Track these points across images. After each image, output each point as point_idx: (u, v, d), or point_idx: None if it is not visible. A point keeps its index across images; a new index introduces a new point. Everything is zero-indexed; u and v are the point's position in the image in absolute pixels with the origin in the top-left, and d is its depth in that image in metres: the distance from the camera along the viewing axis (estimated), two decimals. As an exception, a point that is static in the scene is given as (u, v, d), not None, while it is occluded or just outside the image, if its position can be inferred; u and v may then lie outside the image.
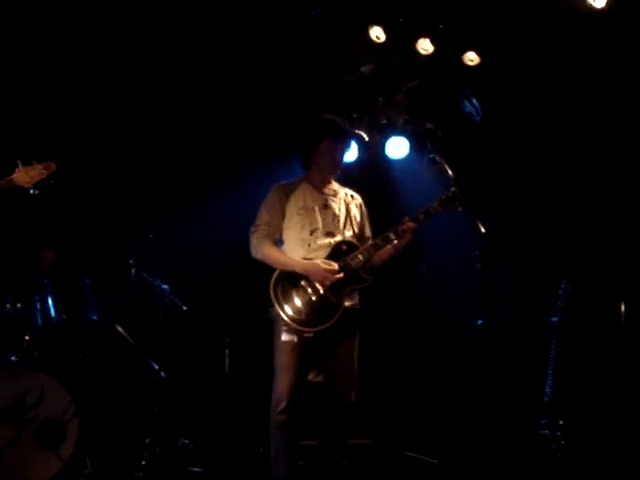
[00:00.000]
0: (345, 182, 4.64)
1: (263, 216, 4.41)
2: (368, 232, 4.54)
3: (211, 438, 5.70)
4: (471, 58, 5.66)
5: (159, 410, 5.31)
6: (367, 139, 6.25)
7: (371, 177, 6.23)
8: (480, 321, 5.25)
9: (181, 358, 5.85)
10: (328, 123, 4.50)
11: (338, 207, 4.46)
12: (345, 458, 4.66)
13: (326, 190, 4.48)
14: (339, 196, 4.51)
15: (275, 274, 4.28)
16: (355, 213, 4.51)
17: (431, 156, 4.06)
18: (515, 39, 5.39)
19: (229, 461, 5.53)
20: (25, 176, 4.21)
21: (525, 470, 4.82)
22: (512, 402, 5.18)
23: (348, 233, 4.43)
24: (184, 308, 5.50)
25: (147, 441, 5.11)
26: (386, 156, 6.25)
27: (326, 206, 4.42)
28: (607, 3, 4.94)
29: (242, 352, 6.11)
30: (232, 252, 5.45)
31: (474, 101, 5.79)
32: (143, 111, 6.08)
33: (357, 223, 4.49)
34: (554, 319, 5.07)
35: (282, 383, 4.23)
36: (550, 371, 4.98)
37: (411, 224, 4.22)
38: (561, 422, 4.87)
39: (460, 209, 4.13)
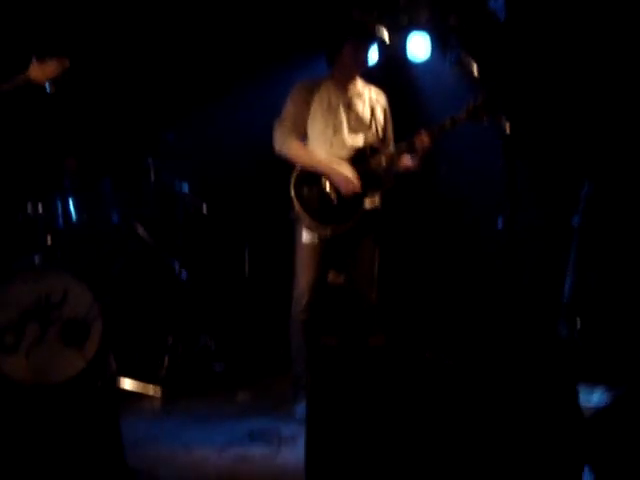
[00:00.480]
0: (367, 83, 4.56)
1: (288, 110, 4.37)
2: (390, 134, 4.52)
3: (232, 338, 5.79)
4: (496, -48, 5.48)
5: (181, 309, 5.39)
6: (388, 38, 6.10)
7: (393, 78, 6.10)
8: (500, 221, 5.22)
9: (202, 259, 5.89)
10: (353, 23, 4.43)
11: (362, 107, 4.42)
12: (364, 358, 4.72)
13: (351, 89, 4.43)
14: (364, 96, 4.46)
15: (296, 173, 4.28)
16: (379, 114, 4.47)
17: (456, 55, 3.97)
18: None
19: (250, 360, 5.62)
20: (39, 71, 4.21)
21: (543, 370, 4.87)
22: (531, 302, 5.20)
23: (371, 134, 4.40)
24: (204, 209, 5.51)
25: (169, 340, 5.20)
26: (408, 57, 6.11)
27: (350, 106, 4.38)
28: None
29: (262, 253, 6.14)
30: (253, 153, 5.42)
31: (499, -2, 5.62)
32: (164, 5, 5.94)
33: (381, 125, 4.46)
34: (575, 221, 5.03)
35: (302, 282, 4.31)
36: (570, 272, 4.98)
37: (426, 137, 4.22)
38: (579, 323, 4.90)
39: (486, 121, 4.07)
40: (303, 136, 4.37)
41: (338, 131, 4.33)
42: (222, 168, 5.97)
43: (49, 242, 4.79)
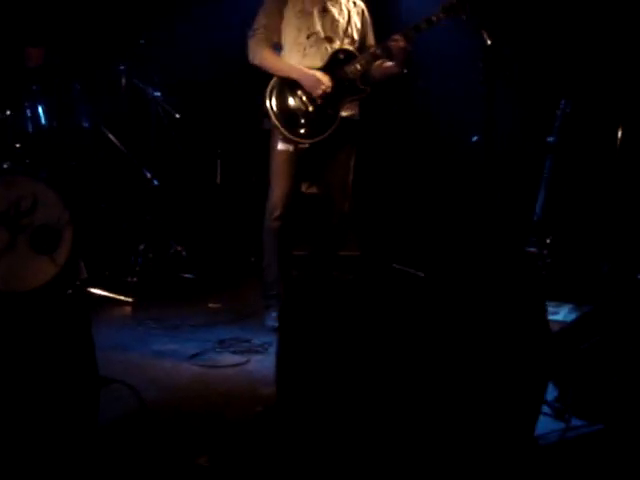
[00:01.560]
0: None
1: (261, 19, 4.28)
2: (371, 41, 4.42)
3: (203, 246, 5.80)
4: None
5: (152, 217, 5.37)
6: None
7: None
8: (475, 137, 5.20)
9: (173, 167, 5.84)
10: None
11: (338, 12, 4.31)
12: (335, 269, 4.76)
13: None
14: (340, 1, 4.34)
15: (271, 82, 4.21)
16: (356, 20, 4.37)
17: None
18: None
19: (221, 268, 5.64)
20: None
21: (511, 284, 4.94)
22: (502, 218, 5.24)
23: (347, 40, 4.31)
24: (177, 116, 5.42)
25: (141, 247, 5.20)
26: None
27: (325, 10, 4.28)
28: None
29: (234, 162, 6.10)
30: (227, 60, 5.30)
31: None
32: None
33: (358, 30, 4.36)
34: (550, 139, 5.02)
35: (277, 191, 4.28)
36: (542, 190, 4.99)
37: (401, 40, 4.09)
38: (548, 240, 4.94)
39: (464, 17, 3.98)
40: (277, 45, 4.30)
41: (311, 36, 4.24)
42: (195, 74, 5.86)
43: (18, 147, 4.69)
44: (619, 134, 5.11)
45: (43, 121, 4.82)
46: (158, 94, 5.34)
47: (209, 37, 5.71)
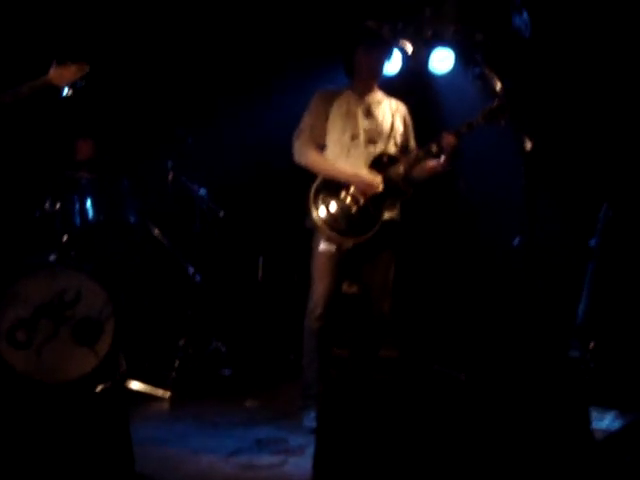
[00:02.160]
0: (387, 94, 4.56)
1: (306, 120, 4.38)
2: (412, 144, 4.50)
3: (243, 343, 5.80)
4: (523, -32, 5.48)
5: (193, 313, 5.40)
6: (410, 50, 6.10)
7: (414, 90, 6.08)
8: (517, 240, 5.20)
9: (216, 263, 5.90)
10: (362, 29, 4.41)
11: (382, 115, 4.40)
12: (376, 370, 4.71)
13: (370, 98, 4.42)
14: (383, 105, 4.45)
15: (316, 182, 4.28)
16: (399, 124, 4.45)
17: (478, 70, 3.95)
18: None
19: (260, 366, 5.62)
20: (59, 75, 4.27)
21: (553, 390, 4.85)
22: (545, 322, 5.18)
23: (391, 143, 4.39)
24: (221, 214, 5.52)
25: (181, 343, 5.21)
26: (430, 70, 6.10)
27: (369, 113, 4.37)
28: None
29: (277, 261, 6.15)
30: (272, 159, 5.43)
31: (524, 15, 5.61)
32: (180, 11, 5.97)
33: (401, 134, 4.44)
34: (593, 242, 5.01)
35: (318, 291, 4.29)
36: (585, 294, 4.95)
37: (452, 137, 4.17)
38: (592, 345, 4.87)
39: (503, 123, 4.04)
40: (322, 146, 4.37)
41: (356, 138, 4.31)
42: (240, 173, 5.99)
43: (65, 240, 4.79)
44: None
45: (91, 215, 4.94)
46: (203, 192, 5.45)
47: (254, 136, 5.86)
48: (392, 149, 4.39)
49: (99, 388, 4.50)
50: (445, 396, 4.79)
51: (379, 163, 4.31)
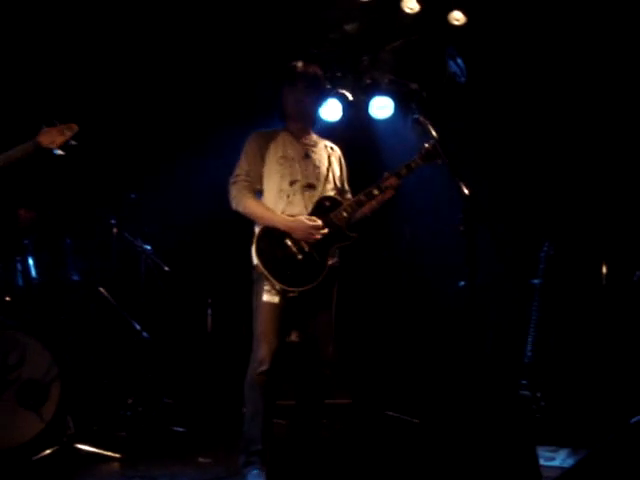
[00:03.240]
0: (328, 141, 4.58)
1: (242, 165, 4.25)
2: (347, 186, 4.44)
3: (194, 398, 5.73)
4: (457, 18, 5.63)
5: (142, 370, 5.33)
6: (350, 97, 6.21)
7: (355, 137, 6.18)
8: (462, 282, 5.26)
9: (163, 318, 5.85)
10: (287, 69, 4.30)
11: (319, 158, 4.32)
12: (324, 417, 4.62)
13: (306, 140, 4.33)
14: (319, 147, 4.37)
15: (257, 231, 4.16)
16: (335, 166, 4.38)
17: (415, 116, 4.00)
18: (500, -1, 5.36)
19: (212, 420, 5.55)
20: (50, 138, 4.23)
21: (505, 430, 4.87)
22: (493, 363, 5.22)
23: (329, 186, 4.30)
24: (166, 268, 5.49)
25: (130, 401, 5.14)
26: (370, 116, 6.21)
27: (307, 156, 4.28)
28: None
29: (224, 312, 6.12)
30: (214, 211, 5.41)
31: (459, 61, 5.75)
32: (126, 73, 6.01)
33: (337, 176, 4.37)
34: (536, 281, 5.09)
35: (264, 347, 4.10)
36: (531, 332, 5.02)
37: (393, 179, 4.14)
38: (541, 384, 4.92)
39: (440, 162, 4.05)
40: (259, 191, 4.24)
41: (295, 183, 4.19)
42: (183, 226, 5.98)
43: (7, 300, 4.71)
44: (604, 270, 5.19)
45: (34, 274, 4.88)
46: (148, 247, 5.43)
47: (196, 188, 5.87)
48: (330, 192, 4.29)
49: (46, 452, 4.39)
50: (399, 440, 4.78)
51: (321, 208, 4.19)
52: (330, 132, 5.97)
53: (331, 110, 6.15)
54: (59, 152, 4.29)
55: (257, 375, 4.09)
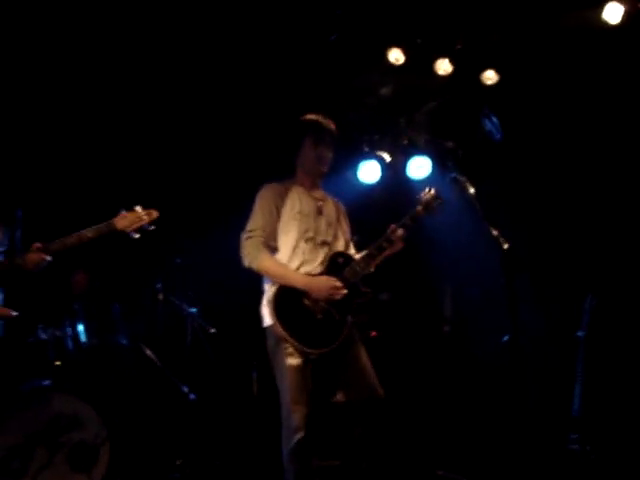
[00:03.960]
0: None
1: (257, 220, 4.10)
2: (349, 239, 4.39)
3: (241, 459, 5.74)
4: (489, 77, 5.73)
5: (189, 432, 5.37)
6: (388, 159, 6.31)
7: (393, 198, 6.26)
8: (506, 337, 5.25)
9: (210, 381, 5.90)
10: (310, 122, 4.27)
11: (330, 214, 4.26)
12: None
13: (317, 195, 4.28)
14: (328, 202, 4.32)
15: (273, 290, 3.99)
16: (343, 222, 4.36)
17: (452, 175, 4.06)
18: (532, 56, 5.44)
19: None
20: (126, 222, 4.26)
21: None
22: (540, 417, 5.18)
23: (339, 242, 4.26)
24: (212, 331, 5.56)
25: (178, 462, 5.17)
26: (408, 177, 6.28)
27: (320, 212, 4.21)
28: (622, 19, 5.01)
29: (270, 374, 6.14)
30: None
31: (494, 119, 5.83)
32: (163, 132, 6.20)
33: (345, 231, 4.34)
34: (580, 333, 5.07)
35: (297, 414, 3.92)
36: (578, 385, 4.97)
37: (400, 231, 4.09)
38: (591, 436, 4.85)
39: (441, 206, 4.10)
40: (273, 248, 4.09)
41: (310, 240, 4.10)
42: (229, 289, 6.05)
43: (58, 365, 4.82)
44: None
45: (83, 339, 5.01)
46: (194, 310, 5.51)
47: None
48: (340, 248, 4.22)
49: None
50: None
51: (335, 264, 4.08)
52: (369, 194, 6.12)
53: (369, 172, 6.25)
54: (135, 235, 4.30)
55: (294, 444, 3.92)
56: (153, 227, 4.33)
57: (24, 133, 5.67)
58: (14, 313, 4.21)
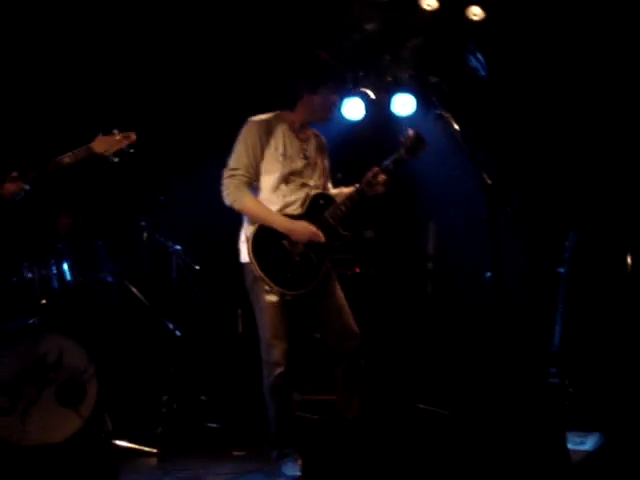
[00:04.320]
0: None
1: (242, 159, 4.04)
2: (328, 174, 4.37)
3: (227, 395, 5.82)
4: (475, 13, 5.68)
5: (175, 368, 5.43)
6: (373, 97, 6.27)
7: (378, 135, 6.24)
8: (489, 274, 5.30)
9: (195, 317, 5.94)
10: (332, 68, 4.16)
11: (312, 155, 4.22)
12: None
13: (303, 136, 4.21)
14: (311, 141, 4.25)
15: (252, 230, 4.02)
16: (325, 161, 4.31)
17: (437, 112, 4.04)
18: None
19: (245, 416, 5.64)
20: (104, 145, 4.20)
21: (535, 418, 4.91)
22: (521, 352, 5.26)
23: (319, 182, 4.23)
24: (196, 268, 5.58)
25: (164, 398, 5.24)
26: (393, 114, 6.26)
27: (304, 154, 4.16)
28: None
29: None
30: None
31: (479, 56, 5.79)
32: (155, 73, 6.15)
33: (323, 169, 4.29)
34: (561, 270, 5.12)
35: (276, 349, 4.02)
36: (558, 321, 5.05)
37: (383, 176, 4.09)
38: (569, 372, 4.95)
39: (424, 150, 4.09)
40: (254, 188, 4.09)
41: (292, 182, 4.08)
42: (214, 227, 6.04)
43: (44, 303, 4.83)
44: (629, 260, 5.21)
45: (68, 277, 5.00)
46: (178, 247, 5.52)
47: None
48: (321, 186, 4.23)
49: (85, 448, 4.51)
50: (429, 433, 4.84)
51: (316, 206, 4.11)
52: (353, 131, 6.09)
53: (354, 109, 6.22)
54: (114, 159, 4.25)
55: (275, 378, 4.02)
56: (132, 150, 4.28)
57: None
58: None
